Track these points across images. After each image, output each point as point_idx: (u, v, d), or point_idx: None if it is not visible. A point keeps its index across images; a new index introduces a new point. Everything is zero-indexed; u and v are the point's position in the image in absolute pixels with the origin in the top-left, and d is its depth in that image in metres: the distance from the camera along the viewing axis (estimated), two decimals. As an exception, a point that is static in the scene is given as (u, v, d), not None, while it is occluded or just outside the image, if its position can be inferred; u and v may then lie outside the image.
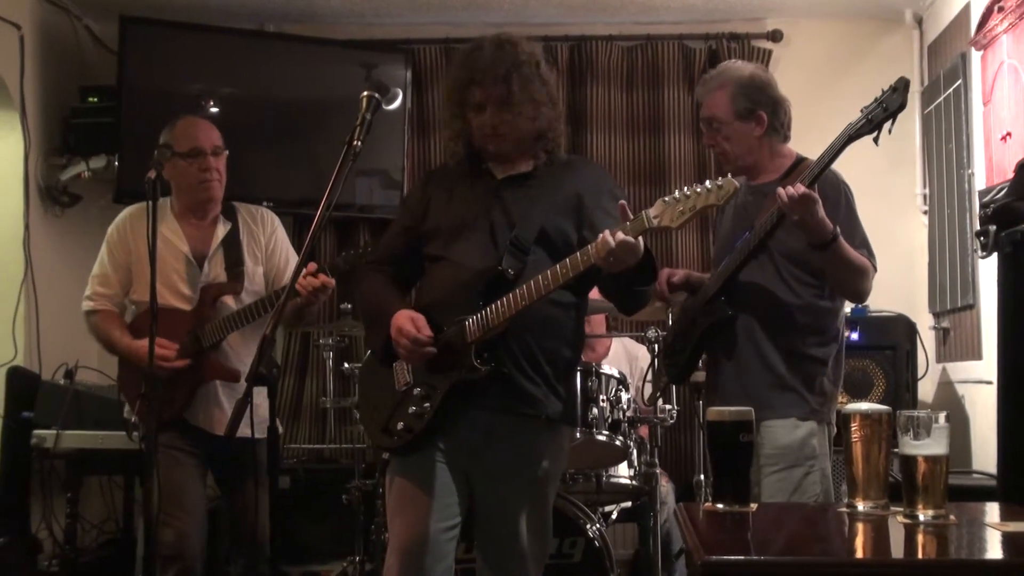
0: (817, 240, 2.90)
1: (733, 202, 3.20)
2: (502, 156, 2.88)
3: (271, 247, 3.68)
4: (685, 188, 2.53)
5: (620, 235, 2.52)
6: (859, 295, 3.11)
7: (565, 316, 2.84)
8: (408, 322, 2.74)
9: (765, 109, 3.14)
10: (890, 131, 2.81)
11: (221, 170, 3.60)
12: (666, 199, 2.54)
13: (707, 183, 2.51)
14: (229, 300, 3.55)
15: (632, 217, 2.56)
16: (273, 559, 3.00)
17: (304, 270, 3.29)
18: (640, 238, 2.55)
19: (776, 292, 3.06)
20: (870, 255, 3.04)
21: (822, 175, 2.89)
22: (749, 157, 3.17)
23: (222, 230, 3.63)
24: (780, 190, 2.82)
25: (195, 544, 3.45)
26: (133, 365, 3.55)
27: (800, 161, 3.13)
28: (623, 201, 2.61)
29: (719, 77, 3.22)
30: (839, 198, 3.03)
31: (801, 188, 2.80)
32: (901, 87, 2.75)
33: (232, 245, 3.61)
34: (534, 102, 2.81)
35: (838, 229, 2.90)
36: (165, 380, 3.43)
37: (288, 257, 3.70)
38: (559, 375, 2.84)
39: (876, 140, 2.80)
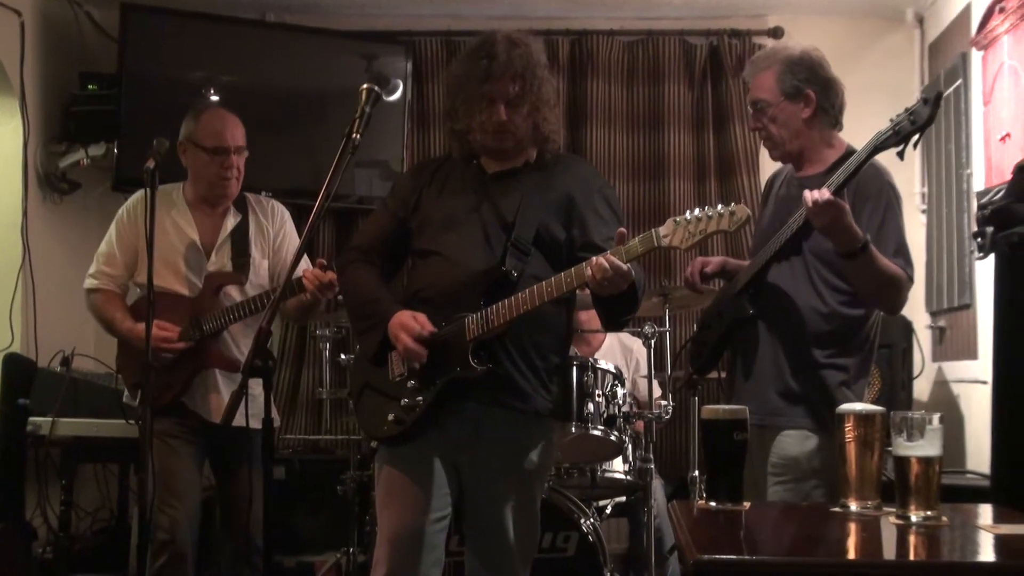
0: (843, 249, 2.74)
1: (776, 192, 3.16)
2: (500, 152, 2.87)
3: (279, 241, 3.69)
4: (696, 210, 2.49)
5: (615, 260, 2.52)
6: (890, 308, 2.94)
7: (555, 311, 2.84)
8: (411, 320, 2.74)
9: (813, 88, 2.98)
10: (915, 146, 2.66)
11: (241, 168, 3.61)
12: (677, 219, 2.51)
13: (719, 207, 2.46)
14: (233, 290, 3.57)
15: (626, 242, 2.55)
16: (266, 550, 2.99)
17: (316, 263, 3.35)
18: (630, 266, 2.54)
19: (801, 297, 2.91)
20: (906, 264, 2.85)
21: (850, 181, 2.74)
22: (796, 142, 3.00)
23: (232, 221, 3.64)
24: (807, 194, 2.69)
25: (187, 531, 3.46)
26: (132, 348, 3.54)
27: (851, 154, 2.88)
28: (622, 229, 2.58)
29: (768, 57, 3.08)
30: (880, 200, 2.87)
31: (826, 194, 2.65)
32: (932, 99, 2.57)
33: (240, 236, 3.62)
34: (545, 104, 2.82)
35: (868, 237, 2.72)
36: (165, 365, 3.44)
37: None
38: (550, 370, 2.85)
39: (901, 155, 2.62)
